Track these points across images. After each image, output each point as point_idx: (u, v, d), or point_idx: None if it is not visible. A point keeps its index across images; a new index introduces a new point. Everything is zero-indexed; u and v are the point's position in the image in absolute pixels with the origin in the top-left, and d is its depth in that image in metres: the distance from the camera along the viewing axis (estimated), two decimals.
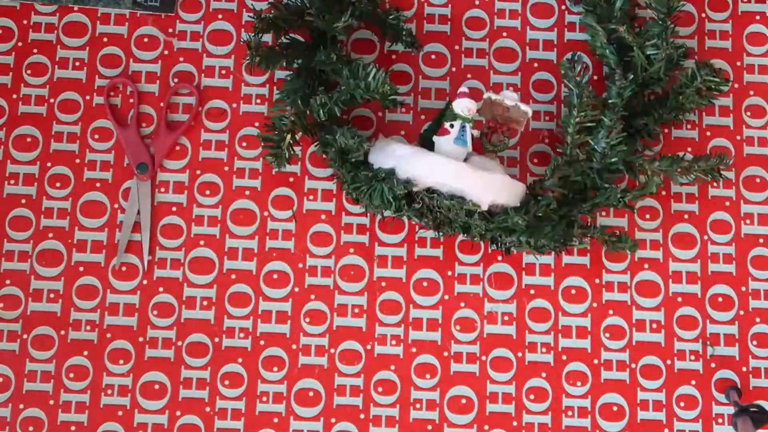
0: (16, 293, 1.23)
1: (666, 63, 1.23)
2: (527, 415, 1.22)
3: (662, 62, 1.23)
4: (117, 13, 1.30)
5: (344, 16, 1.20)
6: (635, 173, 1.24)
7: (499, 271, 1.25)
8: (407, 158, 1.17)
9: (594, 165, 1.22)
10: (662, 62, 1.23)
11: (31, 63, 1.28)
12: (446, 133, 1.20)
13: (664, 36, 1.22)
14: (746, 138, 1.29)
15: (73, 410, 1.20)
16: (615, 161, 1.21)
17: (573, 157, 1.22)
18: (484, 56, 1.31)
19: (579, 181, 1.22)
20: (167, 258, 1.24)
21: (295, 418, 1.21)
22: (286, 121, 1.21)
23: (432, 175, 1.16)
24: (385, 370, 1.22)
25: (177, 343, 1.22)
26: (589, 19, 1.25)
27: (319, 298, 1.23)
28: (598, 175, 1.22)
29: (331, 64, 1.21)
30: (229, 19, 1.31)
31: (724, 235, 1.26)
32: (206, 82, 1.29)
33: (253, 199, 1.26)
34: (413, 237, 1.25)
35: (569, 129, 1.21)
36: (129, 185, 1.26)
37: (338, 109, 1.19)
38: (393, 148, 1.19)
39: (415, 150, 1.18)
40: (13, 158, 1.26)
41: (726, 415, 1.22)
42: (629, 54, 1.24)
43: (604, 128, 1.21)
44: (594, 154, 1.22)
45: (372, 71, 1.18)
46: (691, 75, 1.24)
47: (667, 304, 1.24)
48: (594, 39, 1.27)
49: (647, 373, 1.23)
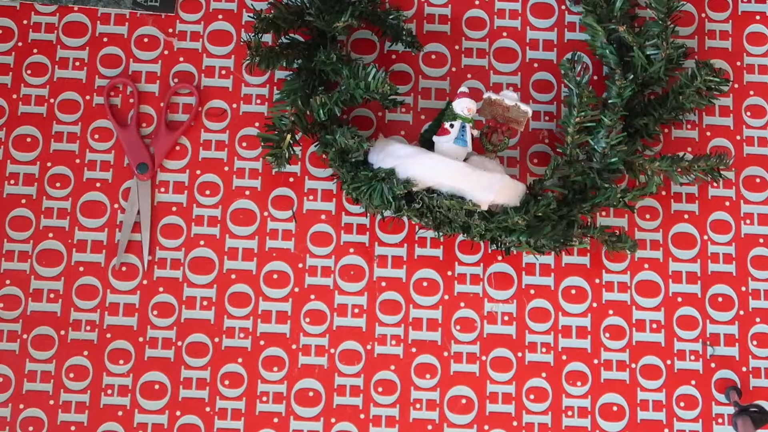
0: (16, 293, 1.23)
1: (666, 63, 1.23)
2: (527, 415, 1.22)
3: (662, 62, 1.23)
4: (117, 13, 1.30)
5: (344, 16, 1.20)
6: (635, 173, 1.24)
7: (499, 271, 1.25)
8: (407, 158, 1.17)
9: (594, 165, 1.22)
10: (662, 62, 1.23)
11: (31, 63, 1.28)
12: (446, 133, 1.20)
13: (664, 36, 1.22)
14: (746, 138, 1.29)
15: (73, 410, 1.20)
16: (615, 161, 1.21)
17: (573, 157, 1.22)
18: (484, 56, 1.31)
19: (579, 181, 1.22)
20: (167, 258, 1.24)
21: (295, 418, 1.21)
22: (286, 121, 1.21)
23: (432, 174, 1.17)
24: (385, 370, 1.22)
25: (177, 343, 1.22)
26: (589, 19, 1.25)
27: (319, 298, 1.23)
28: (597, 175, 1.22)
29: (330, 64, 1.21)
30: (229, 19, 1.31)
31: (724, 235, 1.26)
32: (206, 82, 1.29)
33: (253, 199, 1.26)
34: (413, 237, 1.25)
35: (569, 129, 1.21)
36: (129, 185, 1.26)
37: (338, 109, 1.19)
38: (393, 148, 1.19)
39: (415, 150, 1.18)
40: (13, 158, 1.26)
41: (726, 415, 1.22)
42: (629, 54, 1.25)
43: (604, 128, 1.21)
44: (594, 154, 1.22)
45: (372, 71, 1.18)
46: (691, 75, 1.24)
47: (667, 304, 1.24)
48: (594, 39, 1.27)
49: (647, 373, 1.23)
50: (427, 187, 1.17)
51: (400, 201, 1.18)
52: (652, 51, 1.23)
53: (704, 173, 1.23)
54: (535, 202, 1.18)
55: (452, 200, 1.16)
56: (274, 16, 1.22)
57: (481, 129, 1.22)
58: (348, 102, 1.20)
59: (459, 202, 1.16)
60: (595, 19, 1.25)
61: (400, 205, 1.18)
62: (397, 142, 1.21)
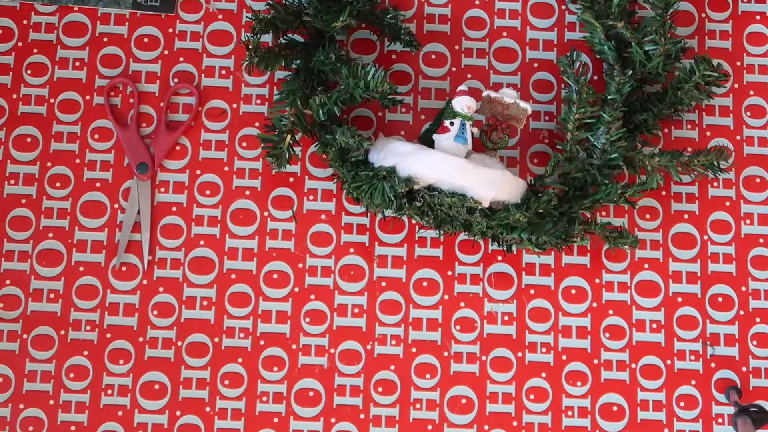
0: (16, 293, 1.23)
1: (664, 58, 1.23)
2: (527, 415, 1.21)
3: (660, 57, 1.23)
4: (117, 13, 1.30)
5: (342, 15, 1.20)
6: (635, 169, 1.24)
7: (499, 271, 1.25)
8: (408, 156, 1.17)
9: (594, 161, 1.22)
10: (660, 57, 1.23)
11: (31, 63, 1.28)
12: (446, 131, 1.20)
13: (662, 31, 1.22)
14: (746, 138, 1.29)
15: (73, 410, 1.20)
16: (615, 157, 1.21)
17: (573, 153, 1.22)
18: (485, 56, 1.31)
19: (579, 178, 1.22)
20: (167, 258, 1.24)
21: (295, 418, 1.21)
22: (285, 121, 1.21)
23: (433, 172, 1.16)
24: (385, 370, 1.22)
25: (177, 343, 1.22)
26: (587, 15, 1.25)
27: (319, 298, 1.23)
28: (598, 171, 1.22)
29: (329, 64, 1.21)
30: (229, 19, 1.31)
31: (724, 235, 1.26)
32: (206, 82, 1.29)
33: (253, 199, 1.26)
34: (413, 237, 1.25)
35: (569, 125, 1.21)
36: (129, 185, 1.26)
37: (338, 108, 1.19)
38: (393, 146, 1.19)
39: (416, 147, 1.18)
40: (13, 158, 1.26)
41: (726, 415, 1.22)
42: (627, 50, 1.25)
43: (604, 124, 1.21)
44: (594, 151, 1.22)
45: (371, 70, 1.18)
46: (690, 70, 1.24)
47: (667, 304, 1.24)
48: (592, 36, 1.27)
49: (647, 373, 1.23)
50: (428, 184, 1.17)
51: (401, 199, 1.18)
52: (651, 47, 1.23)
53: (704, 168, 1.23)
54: (536, 199, 1.18)
55: (453, 198, 1.16)
56: (272, 17, 1.22)
57: (480, 127, 1.22)
58: (347, 102, 1.19)
59: (460, 200, 1.16)
60: (593, 16, 1.25)
61: (402, 204, 1.18)
62: (398, 140, 1.21)
